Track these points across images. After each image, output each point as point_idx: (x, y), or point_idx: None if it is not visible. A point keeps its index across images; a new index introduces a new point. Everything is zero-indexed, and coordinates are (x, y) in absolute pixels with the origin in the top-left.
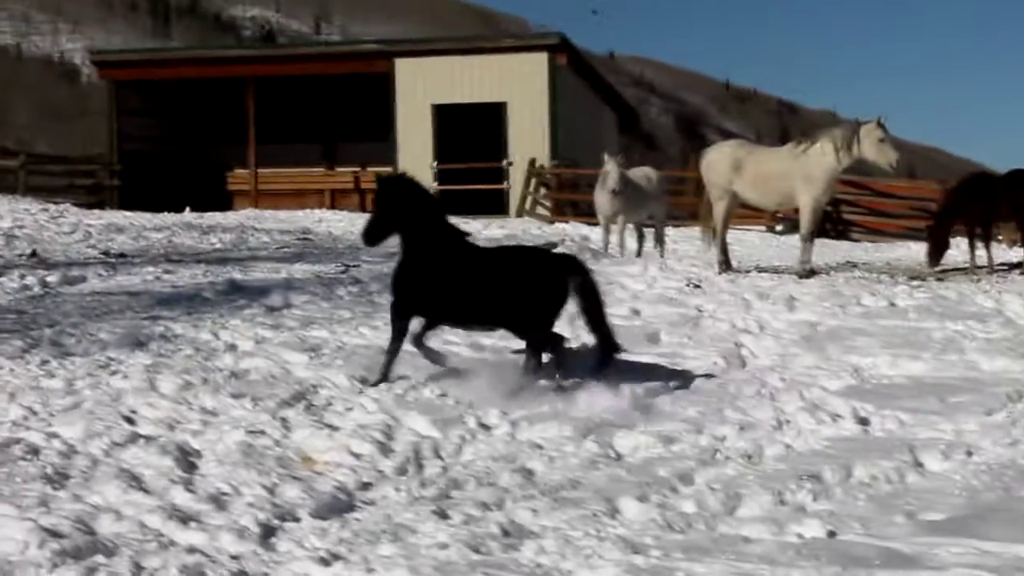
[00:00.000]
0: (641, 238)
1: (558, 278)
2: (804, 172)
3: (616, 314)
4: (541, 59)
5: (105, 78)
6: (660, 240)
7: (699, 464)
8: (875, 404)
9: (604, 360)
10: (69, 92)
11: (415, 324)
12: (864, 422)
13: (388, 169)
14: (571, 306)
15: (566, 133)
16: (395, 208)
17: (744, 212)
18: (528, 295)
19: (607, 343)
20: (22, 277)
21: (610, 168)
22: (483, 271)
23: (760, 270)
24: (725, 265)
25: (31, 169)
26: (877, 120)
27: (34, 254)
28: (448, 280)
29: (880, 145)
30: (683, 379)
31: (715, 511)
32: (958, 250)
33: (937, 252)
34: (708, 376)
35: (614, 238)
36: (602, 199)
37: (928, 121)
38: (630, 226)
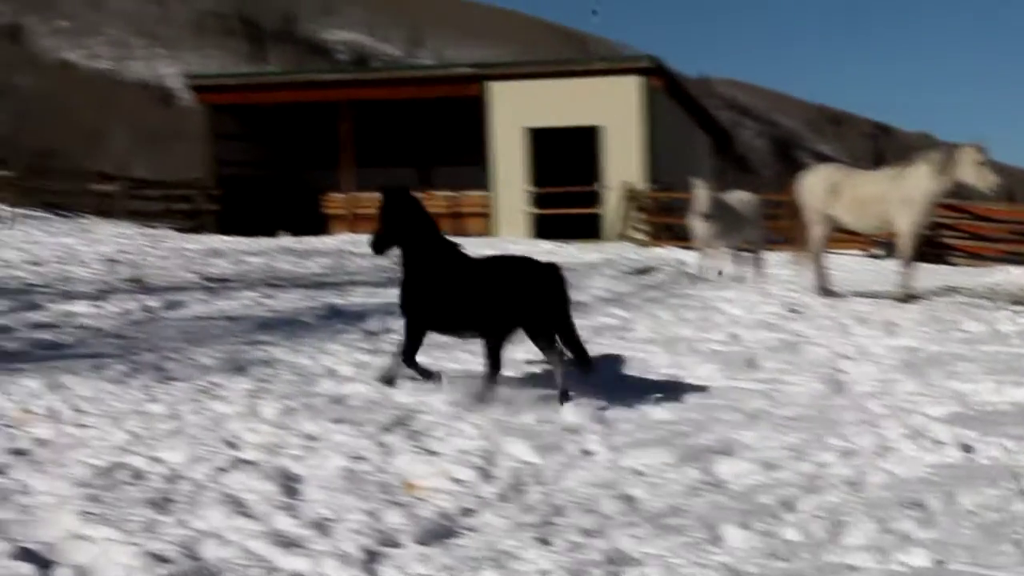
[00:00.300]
0: (739, 263)
1: (528, 285)
2: (902, 195)
3: (714, 339)
4: (635, 82)
5: (202, 103)
6: (758, 265)
7: (802, 491)
8: (979, 431)
9: (580, 372)
10: (165, 116)
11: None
12: (968, 449)
13: (481, 193)
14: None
15: (660, 156)
16: (398, 220)
17: (841, 236)
18: (503, 301)
19: (579, 356)
20: (124, 302)
21: (699, 192)
22: (469, 280)
23: (858, 295)
24: (823, 290)
25: (130, 194)
26: (976, 144)
27: (135, 279)
28: (441, 289)
29: (979, 168)
30: (783, 405)
31: (819, 539)
32: None
33: None
34: (808, 402)
35: (711, 263)
36: (696, 223)
37: None
38: (727, 250)
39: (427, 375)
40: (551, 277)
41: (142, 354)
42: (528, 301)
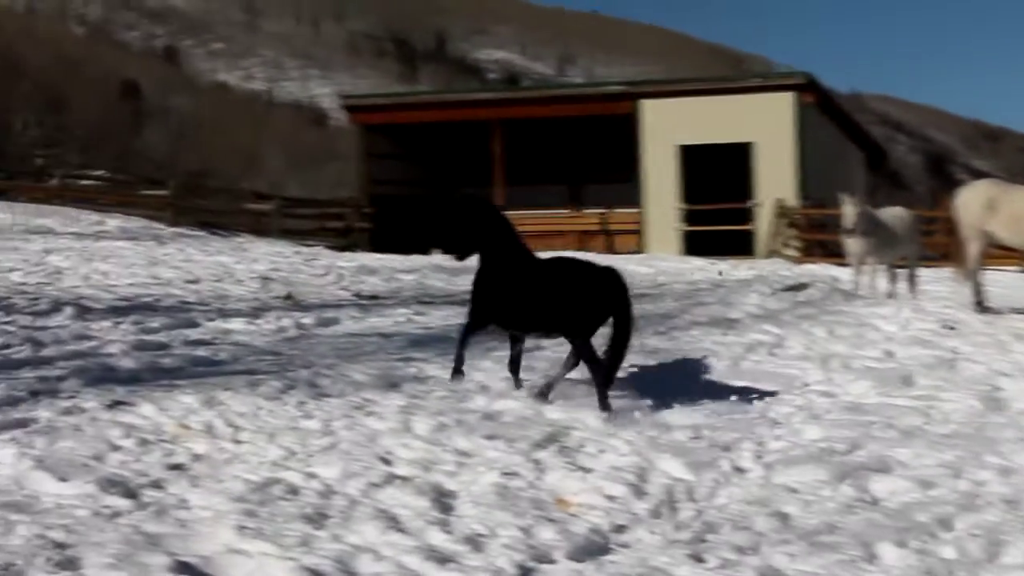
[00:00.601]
0: (893, 279)
1: (593, 288)
2: None
3: (868, 356)
4: (788, 99)
5: (355, 122)
6: (912, 281)
7: (959, 509)
8: None
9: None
10: (318, 136)
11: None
12: None
13: (632, 210)
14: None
15: (813, 172)
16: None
17: (997, 252)
18: (566, 302)
19: (611, 362)
20: (278, 319)
21: (847, 209)
22: (536, 281)
23: (1016, 311)
24: (980, 306)
25: (284, 212)
26: None
27: (289, 296)
28: (512, 289)
29: None
30: (939, 422)
31: (976, 558)
32: None
33: None
34: (965, 420)
35: (865, 279)
36: (847, 239)
37: None
38: (881, 267)
39: (459, 370)
40: (613, 280)
41: (296, 370)
42: (593, 303)
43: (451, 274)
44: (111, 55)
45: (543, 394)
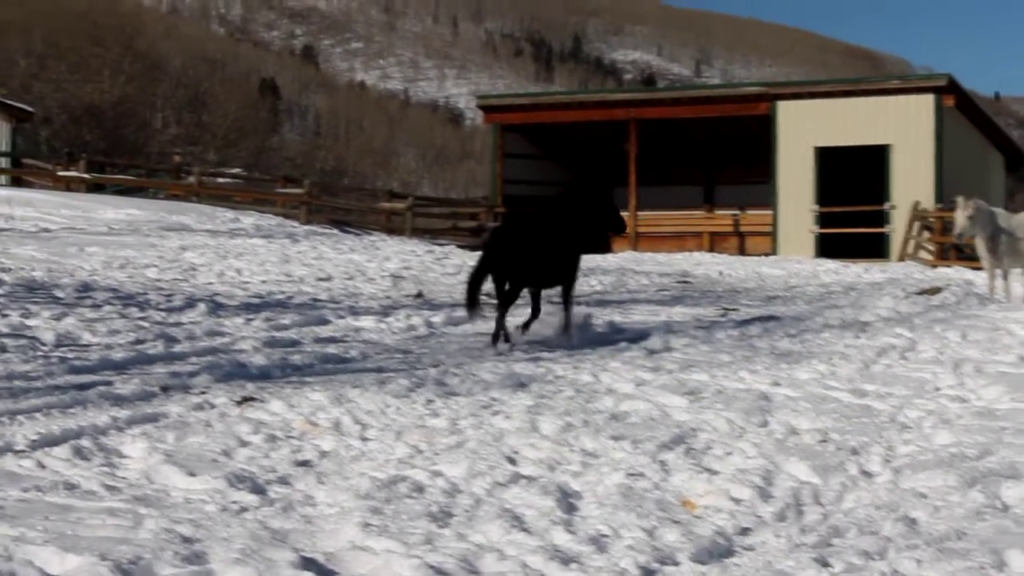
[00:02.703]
0: None
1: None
2: None
3: (1003, 361)
4: (928, 101)
5: (491, 122)
6: None
7: None
8: None
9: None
10: (453, 136)
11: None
12: None
13: (765, 212)
14: None
15: (951, 175)
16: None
17: None
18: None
19: None
20: (408, 317)
21: (957, 213)
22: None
23: None
24: None
25: (417, 211)
26: None
27: (420, 295)
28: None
29: None
30: None
31: None
32: None
33: None
34: None
35: (998, 283)
36: (980, 245)
37: None
38: (1017, 271)
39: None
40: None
41: (425, 369)
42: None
43: (582, 274)
44: (251, 54)
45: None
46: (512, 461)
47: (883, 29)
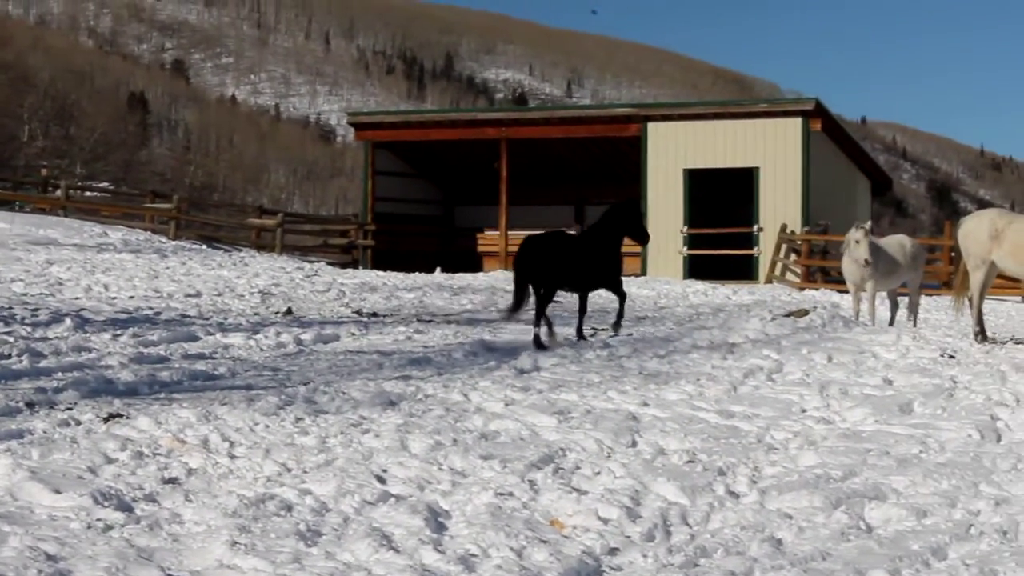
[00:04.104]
0: (894, 307)
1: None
2: None
3: (869, 383)
4: (795, 124)
5: (361, 139)
6: (913, 309)
7: (952, 539)
8: None
9: None
10: (324, 153)
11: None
12: None
13: None
14: None
15: (818, 199)
16: None
17: (999, 282)
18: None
19: None
20: (278, 334)
21: (859, 237)
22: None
23: (1017, 342)
24: (981, 336)
25: (287, 228)
26: None
27: (289, 312)
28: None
29: None
30: (936, 451)
31: None
32: None
33: None
34: (962, 449)
35: (864, 306)
36: (849, 267)
37: None
38: (882, 294)
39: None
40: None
41: (294, 386)
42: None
43: (452, 293)
44: (120, 67)
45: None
46: (381, 480)
47: (753, 52)
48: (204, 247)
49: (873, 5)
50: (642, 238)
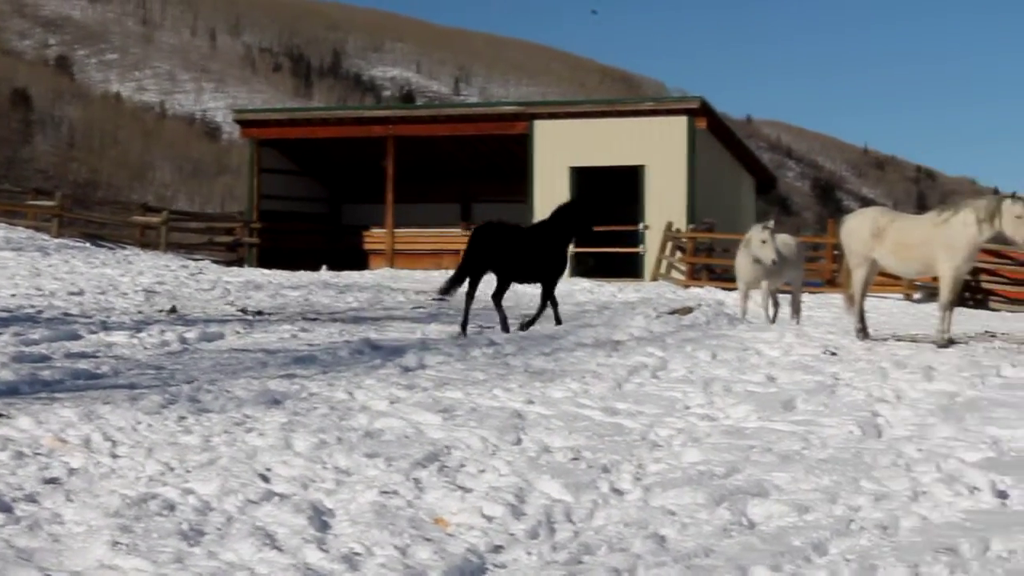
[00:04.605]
0: (776, 305)
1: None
2: (945, 241)
3: (751, 380)
4: (681, 123)
5: (247, 136)
6: (796, 307)
7: (833, 534)
8: (1014, 477)
9: None
10: (210, 150)
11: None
12: (1003, 495)
13: None
14: None
15: (704, 197)
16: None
17: (881, 279)
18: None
19: None
20: (162, 333)
21: (765, 237)
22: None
23: (897, 338)
24: (862, 333)
25: (172, 226)
26: (1014, 195)
27: (173, 310)
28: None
29: (1017, 222)
30: (818, 447)
31: None
32: None
33: None
34: (843, 445)
35: (750, 304)
36: (745, 266)
37: None
38: (766, 292)
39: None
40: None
41: (178, 385)
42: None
43: (338, 291)
44: (2, 64)
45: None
46: (265, 479)
47: (640, 51)
48: (87, 245)
49: (758, 4)
50: (589, 237)
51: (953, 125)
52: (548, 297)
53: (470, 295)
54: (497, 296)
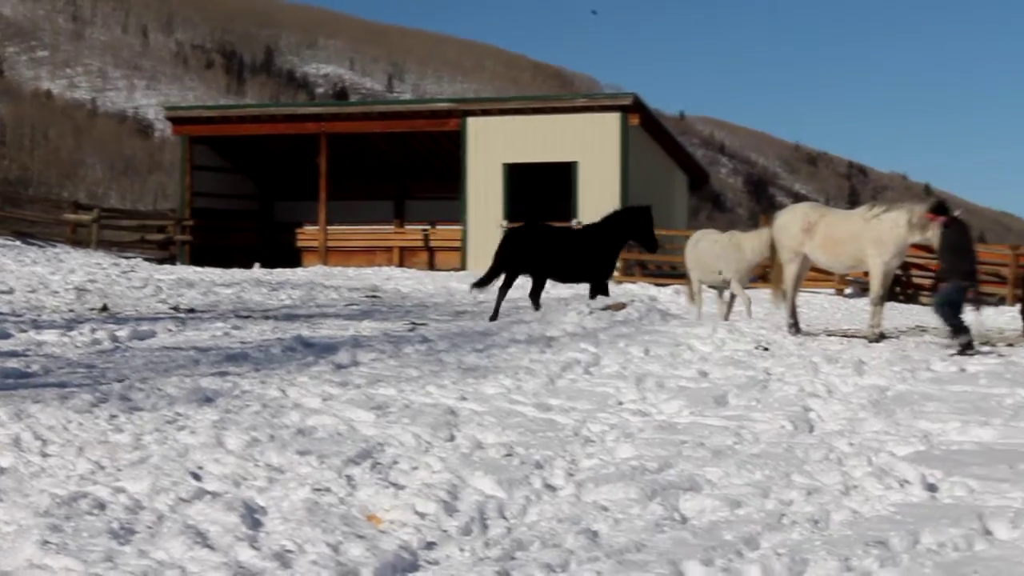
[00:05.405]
0: (710, 300)
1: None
2: (875, 236)
3: (683, 376)
4: (614, 119)
5: (179, 134)
6: (729, 302)
7: (765, 528)
8: (944, 470)
9: None
10: (142, 147)
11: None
12: (932, 488)
13: (455, 227)
14: None
15: (636, 193)
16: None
17: (813, 275)
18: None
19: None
20: (93, 331)
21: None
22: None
23: (829, 333)
24: (794, 328)
25: (104, 224)
26: (955, 215)
27: (105, 308)
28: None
29: None
30: (750, 442)
31: None
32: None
33: None
34: (775, 440)
35: (698, 300)
36: (700, 264)
37: (999, 186)
38: (700, 288)
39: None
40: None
41: (109, 384)
42: None
43: (271, 288)
44: None
45: None
46: (197, 477)
47: (573, 48)
48: (18, 243)
49: (692, 2)
50: (651, 245)
51: (885, 122)
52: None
53: (503, 291)
54: (534, 294)
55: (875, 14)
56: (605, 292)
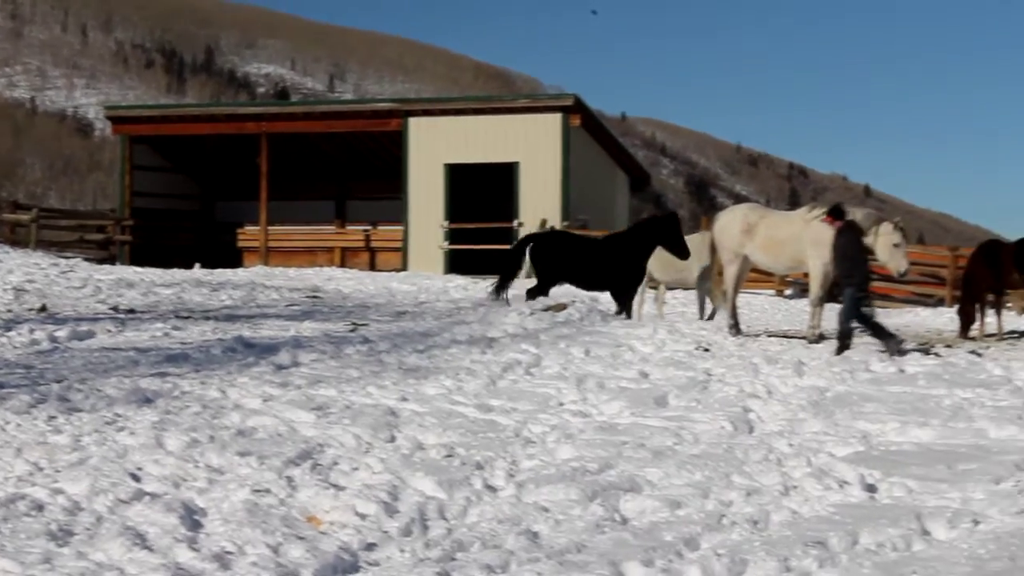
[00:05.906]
0: (650, 301)
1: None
2: (815, 237)
3: (624, 376)
4: (555, 120)
5: (119, 133)
6: (705, 304)
7: (705, 529)
8: (882, 471)
9: None
10: (82, 147)
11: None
12: (871, 489)
13: (396, 227)
14: None
15: (578, 194)
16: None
17: (754, 276)
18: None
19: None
20: (31, 332)
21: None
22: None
23: (769, 334)
24: (735, 329)
25: (43, 223)
26: (896, 223)
27: (43, 309)
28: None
29: (893, 250)
30: (690, 443)
31: None
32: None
33: (966, 325)
34: (715, 440)
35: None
36: (666, 266)
37: (938, 187)
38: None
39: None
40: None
41: (48, 384)
42: None
43: (211, 289)
44: None
45: None
46: (136, 478)
47: (515, 48)
48: None
49: (634, 4)
50: (682, 252)
51: (824, 123)
52: (621, 305)
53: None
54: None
55: (816, 15)
56: (629, 302)
